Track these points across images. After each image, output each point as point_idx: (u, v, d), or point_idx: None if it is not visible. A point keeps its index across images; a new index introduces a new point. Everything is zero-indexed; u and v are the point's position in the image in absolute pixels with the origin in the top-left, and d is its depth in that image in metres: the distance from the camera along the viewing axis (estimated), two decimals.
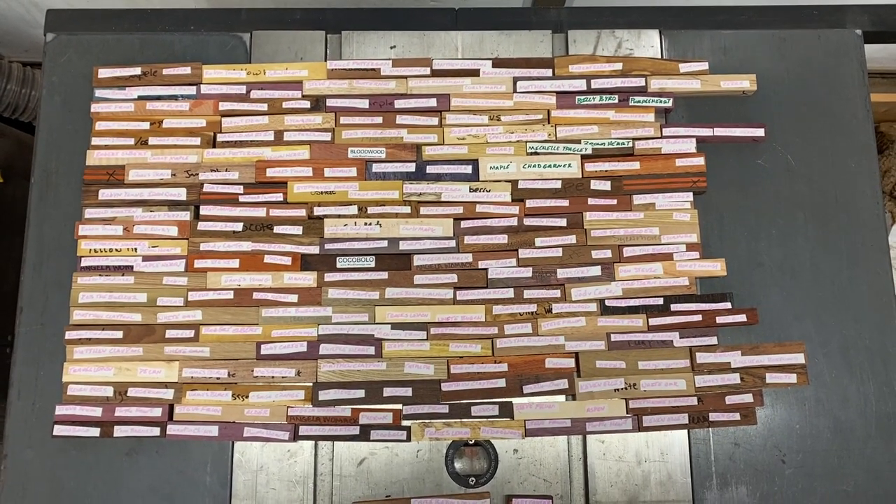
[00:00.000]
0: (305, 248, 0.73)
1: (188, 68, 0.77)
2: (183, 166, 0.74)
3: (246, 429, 0.70)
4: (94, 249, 0.73)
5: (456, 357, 0.71)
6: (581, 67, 0.77)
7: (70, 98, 0.77)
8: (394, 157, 0.75)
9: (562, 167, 0.75)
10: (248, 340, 0.71)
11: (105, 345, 0.71)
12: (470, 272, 0.73)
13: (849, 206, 0.76)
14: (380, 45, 0.80)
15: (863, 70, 0.80)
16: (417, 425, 0.70)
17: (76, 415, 0.70)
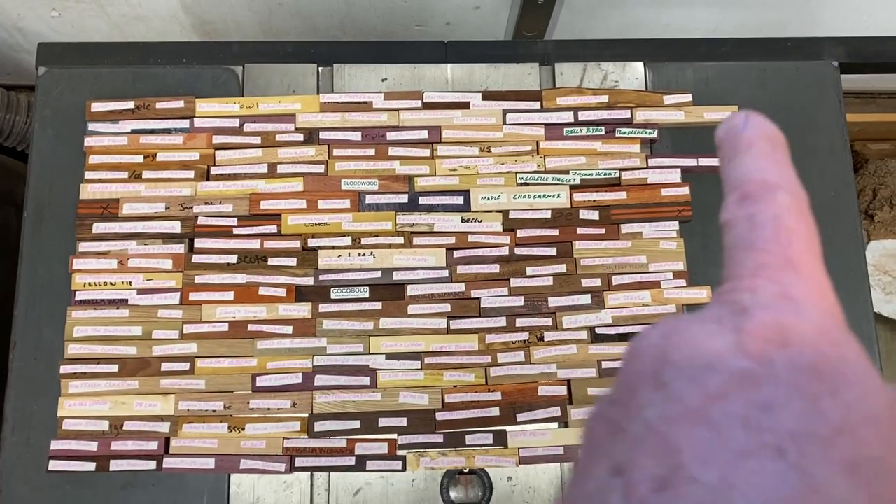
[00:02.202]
0: (300, 280, 0.74)
1: (181, 101, 0.78)
2: (177, 199, 0.75)
3: (242, 461, 0.70)
4: (88, 283, 0.73)
5: (450, 386, 0.72)
6: (568, 100, 0.79)
7: (63, 131, 0.78)
8: (386, 189, 0.76)
9: (551, 197, 0.77)
10: (244, 372, 0.72)
11: (100, 378, 0.71)
12: (463, 301, 0.74)
13: (829, 234, 0.78)
14: (371, 77, 0.81)
15: (839, 100, 0.83)
16: (413, 455, 0.71)
17: (71, 449, 0.70)
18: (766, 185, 0.20)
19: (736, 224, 0.20)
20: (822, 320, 0.17)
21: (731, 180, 0.21)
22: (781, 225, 0.19)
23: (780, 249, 0.18)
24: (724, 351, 0.16)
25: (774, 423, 0.14)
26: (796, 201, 0.19)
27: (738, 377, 0.15)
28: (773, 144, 0.21)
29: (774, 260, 0.18)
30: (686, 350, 0.17)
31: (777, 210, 0.19)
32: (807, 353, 0.16)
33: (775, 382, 0.15)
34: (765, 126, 0.21)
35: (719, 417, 0.15)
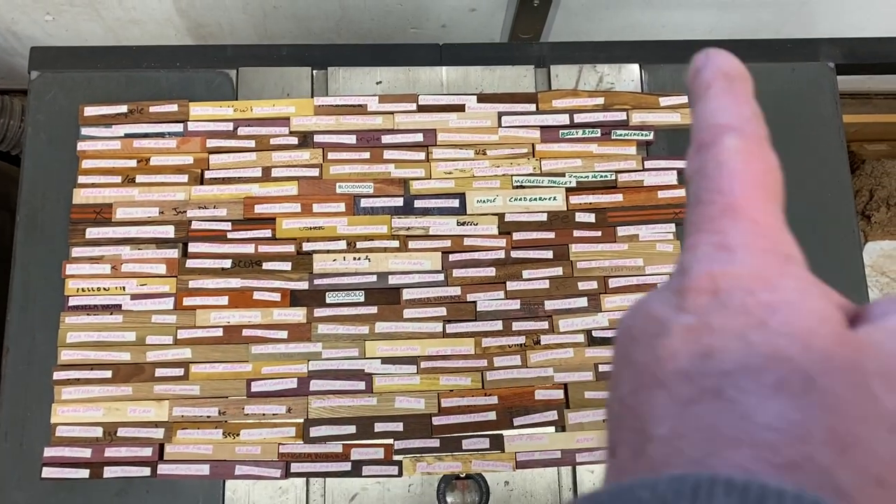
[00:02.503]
0: (294, 284, 0.74)
1: (175, 105, 0.77)
2: (171, 204, 0.75)
3: (237, 467, 0.70)
4: (81, 288, 0.73)
5: (446, 390, 0.72)
6: (564, 102, 0.79)
7: (56, 136, 0.77)
8: (382, 192, 0.76)
9: (547, 200, 0.77)
10: (238, 378, 0.71)
11: (94, 385, 0.71)
12: (459, 305, 0.74)
13: (826, 235, 0.78)
14: (366, 80, 0.81)
15: (836, 101, 0.82)
16: (409, 460, 0.70)
17: (65, 456, 0.69)
18: (716, 129, 0.19)
19: (690, 178, 0.19)
20: (754, 260, 0.17)
21: (692, 129, 0.20)
22: (724, 171, 0.18)
23: (721, 198, 0.18)
24: (669, 313, 0.17)
25: (712, 368, 0.15)
26: (745, 141, 0.18)
27: (682, 334, 0.16)
28: (730, 81, 0.19)
29: (715, 210, 0.18)
30: (643, 323, 0.17)
31: (722, 156, 0.18)
32: (736, 295, 0.16)
33: (710, 330, 0.16)
34: (722, 62, 0.20)
35: (669, 376, 0.16)
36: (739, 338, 0.15)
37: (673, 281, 0.18)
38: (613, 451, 0.17)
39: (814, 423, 0.14)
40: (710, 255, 0.17)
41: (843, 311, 0.17)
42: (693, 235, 0.18)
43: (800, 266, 0.17)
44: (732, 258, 0.17)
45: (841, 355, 0.15)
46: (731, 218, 0.17)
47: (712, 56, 0.20)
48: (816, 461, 0.14)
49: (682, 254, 0.18)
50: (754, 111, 0.19)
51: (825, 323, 0.16)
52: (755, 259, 0.17)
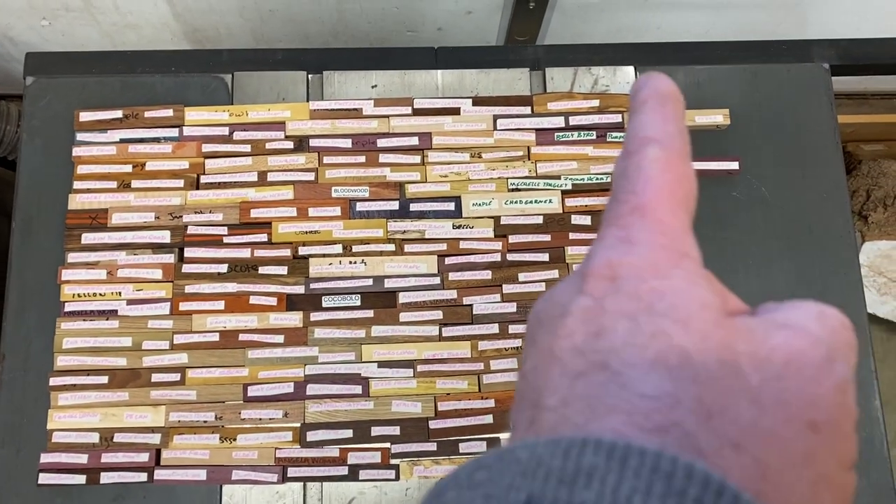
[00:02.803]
0: (291, 289, 0.74)
1: (170, 110, 0.77)
2: (166, 209, 0.75)
3: (234, 471, 0.69)
4: (77, 294, 0.73)
5: (443, 394, 0.72)
6: (559, 105, 0.79)
7: (51, 142, 0.77)
8: (377, 196, 0.76)
9: (543, 203, 0.77)
10: (235, 382, 0.71)
11: (90, 390, 0.71)
12: (455, 308, 0.74)
13: (822, 237, 0.78)
14: (361, 84, 0.81)
15: (831, 102, 0.82)
16: (406, 464, 0.70)
17: (61, 462, 0.69)
18: (642, 140, 0.21)
19: (613, 180, 0.21)
20: (651, 253, 0.19)
21: (624, 139, 0.22)
22: (641, 176, 0.20)
23: (634, 198, 0.20)
24: (570, 295, 0.19)
25: (602, 345, 0.17)
26: (666, 152, 0.20)
27: (580, 314, 0.18)
28: (663, 101, 0.22)
29: (627, 208, 0.20)
30: (549, 307, 0.19)
31: (642, 162, 0.20)
32: (631, 282, 0.18)
33: (604, 312, 0.18)
34: (658, 84, 0.22)
35: (564, 352, 0.18)
36: (629, 318, 0.17)
37: (578, 269, 0.20)
38: (514, 424, 0.18)
39: (684, 393, 0.16)
40: (613, 245, 0.19)
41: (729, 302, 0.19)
42: (603, 228, 0.20)
43: (694, 262, 0.19)
44: (632, 249, 0.19)
45: (716, 336, 0.17)
46: (639, 216, 0.19)
47: (651, 78, 0.22)
48: (682, 426, 0.16)
49: (592, 245, 0.20)
50: (680, 129, 0.21)
51: (705, 309, 0.17)
52: (652, 252, 0.19)
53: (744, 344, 0.17)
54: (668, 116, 0.21)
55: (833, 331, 0.18)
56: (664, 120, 0.21)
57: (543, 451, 0.15)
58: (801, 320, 0.18)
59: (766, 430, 0.16)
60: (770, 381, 0.16)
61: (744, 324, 0.18)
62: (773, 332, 0.18)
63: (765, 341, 0.17)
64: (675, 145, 0.21)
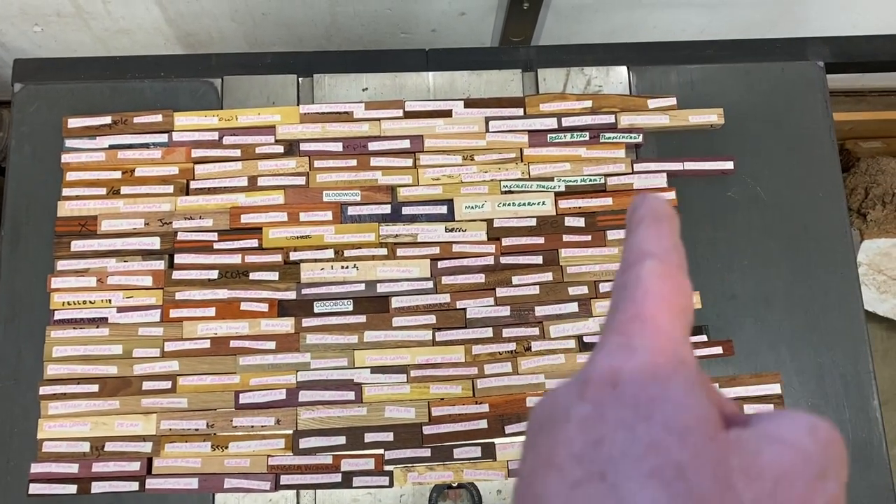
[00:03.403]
0: (282, 294, 0.73)
1: (159, 116, 0.77)
2: (156, 215, 0.74)
3: (226, 480, 0.69)
4: (67, 302, 0.72)
5: (437, 399, 0.71)
6: (552, 106, 0.78)
7: (40, 149, 0.76)
8: (369, 200, 0.75)
9: (536, 205, 0.76)
10: (227, 390, 0.71)
11: (80, 399, 0.70)
12: (448, 312, 0.73)
13: (818, 235, 0.78)
14: (352, 87, 0.80)
15: (826, 100, 0.82)
16: (400, 470, 0.70)
17: (52, 472, 0.69)
18: (640, 254, 0.22)
19: (613, 291, 0.22)
20: (651, 359, 0.19)
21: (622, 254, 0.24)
22: (640, 286, 0.21)
23: (633, 307, 0.21)
24: (571, 401, 0.19)
25: (601, 454, 0.17)
26: (664, 266, 0.22)
27: (580, 422, 0.18)
28: (659, 219, 0.23)
29: (627, 316, 0.20)
30: (549, 411, 0.20)
31: (641, 274, 0.21)
32: (630, 390, 0.18)
33: (604, 420, 0.18)
34: (654, 204, 0.24)
35: (563, 460, 0.18)
36: (627, 428, 0.18)
37: (579, 374, 0.20)
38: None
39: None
40: (614, 352, 0.20)
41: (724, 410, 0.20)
42: (604, 336, 0.21)
43: (691, 370, 0.20)
44: (632, 356, 0.19)
45: (710, 451, 0.17)
46: (639, 324, 0.20)
47: (647, 198, 0.24)
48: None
49: (593, 351, 0.21)
50: (675, 244, 0.23)
51: (702, 422, 0.18)
52: (652, 358, 0.19)
53: (737, 458, 0.18)
54: (664, 233, 0.23)
55: (825, 446, 0.18)
56: (660, 236, 0.23)
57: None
58: (792, 434, 0.18)
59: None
60: (763, 498, 0.17)
61: (737, 437, 0.18)
62: (766, 447, 0.18)
63: (757, 456, 0.18)
64: (671, 259, 0.22)
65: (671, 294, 0.21)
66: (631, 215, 0.24)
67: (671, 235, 0.23)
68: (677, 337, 0.20)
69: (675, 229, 0.23)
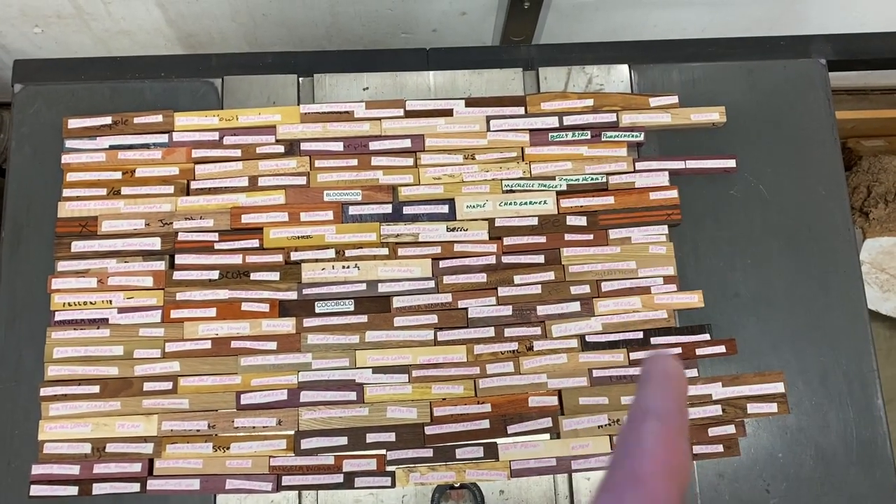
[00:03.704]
0: (283, 294, 0.73)
1: (159, 116, 0.76)
2: (157, 215, 0.74)
3: (228, 481, 0.69)
4: (67, 303, 0.72)
5: (439, 399, 0.71)
6: (553, 104, 0.78)
7: (40, 149, 0.76)
8: (370, 199, 0.75)
9: (537, 204, 0.76)
10: (228, 390, 0.70)
11: (81, 400, 0.70)
12: (450, 312, 0.73)
13: (821, 234, 0.77)
14: (352, 87, 0.80)
15: (828, 98, 0.81)
16: (402, 470, 0.69)
17: (53, 473, 0.68)
18: (644, 413, 0.23)
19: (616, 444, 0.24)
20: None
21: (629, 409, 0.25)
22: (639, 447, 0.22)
23: (630, 465, 0.22)
24: None
25: None
26: (665, 427, 0.23)
27: None
28: (668, 378, 0.25)
29: (623, 475, 0.22)
30: None
31: (642, 434, 0.23)
32: None
33: None
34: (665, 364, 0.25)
35: None
36: None
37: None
38: None
39: None
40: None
41: None
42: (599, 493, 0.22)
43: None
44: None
45: None
46: (632, 484, 0.22)
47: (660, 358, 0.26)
48: None
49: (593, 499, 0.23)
50: (679, 407, 0.24)
51: None
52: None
53: None
54: (670, 395, 0.24)
55: None
56: (666, 398, 0.24)
57: None
58: None
59: None
60: None
61: None
62: None
63: None
64: (673, 422, 0.23)
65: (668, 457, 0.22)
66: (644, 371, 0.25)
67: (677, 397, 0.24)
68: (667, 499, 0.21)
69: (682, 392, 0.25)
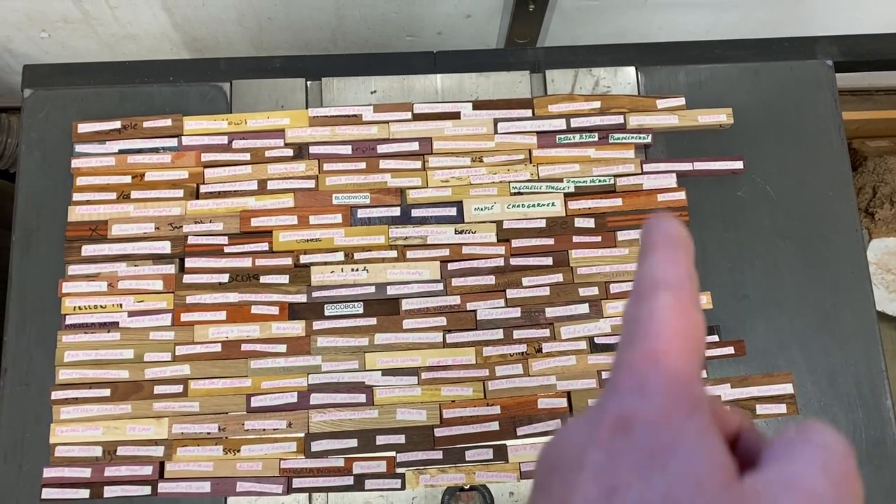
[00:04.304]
0: (293, 297, 0.73)
1: (169, 120, 0.77)
2: (166, 219, 0.74)
3: (238, 483, 0.69)
4: (78, 307, 0.72)
5: (448, 401, 0.71)
6: (560, 107, 0.78)
7: (50, 154, 0.77)
8: (378, 202, 0.75)
9: (545, 206, 0.76)
10: (238, 393, 0.71)
11: (92, 403, 0.70)
12: (459, 314, 0.73)
13: (828, 235, 0.77)
14: (360, 90, 0.80)
15: (835, 99, 0.82)
16: (412, 473, 0.70)
17: (65, 477, 0.69)
18: (653, 284, 0.21)
19: (624, 323, 0.22)
20: (665, 403, 0.19)
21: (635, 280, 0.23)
22: (653, 322, 0.20)
23: (647, 344, 0.20)
24: (584, 446, 0.19)
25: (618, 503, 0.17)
26: (678, 298, 0.21)
27: (594, 470, 0.18)
28: (674, 245, 0.22)
29: (640, 355, 0.20)
30: (561, 452, 0.20)
31: (654, 308, 0.21)
32: (644, 436, 0.18)
33: (618, 468, 0.18)
34: (669, 228, 0.23)
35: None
36: (642, 478, 0.18)
37: (591, 413, 0.20)
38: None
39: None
40: (626, 394, 0.19)
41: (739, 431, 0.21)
42: (615, 373, 0.20)
43: (705, 413, 0.19)
44: (645, 398, 0.19)
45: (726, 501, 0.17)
46: (652, 363, 0.20)
47: (662, 221, 0.23)
48: None
49: (605, 389, 0.21)
50: (689, 274, 0.22)
51: (716, 469, 0.18)
52: (666, 402, 0.19)
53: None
54: (679, 260, 0.22)
55: (838, 484, 0.18)
56: (675, 264, 0.22)
57: None
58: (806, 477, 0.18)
59: None
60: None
61: (752, 486, 0.18)
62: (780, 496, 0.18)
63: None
64: (685, 291, 0.21)
65: (685, 330, 0.20)
66: (644, 238, 0.23)
67: (686, 263, 0.22)
68: (691, 377, 0.20)
69: (689, 256, 0.22)
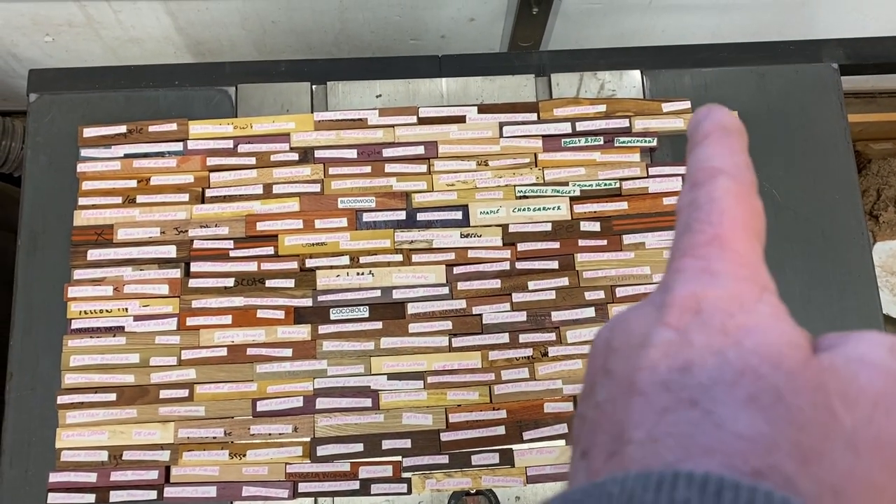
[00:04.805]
0: (298, 301, 0.73)
1: (174, 124, 0.77)
2: (172, 223, 0.74)
3: (244, 488, 0.69)
4: (83, 311, 0.72)
5: (454, 405, 0.71)
6: (565, 110, 0.78)
7: (55, 158, 0.77)
8: (384, 206, 0.75)
9: (551, 210, 0.76)
10: (244, 398, 0.71)
11: (98, 408, 0.70)
12: (464, 318, 0.73)
13: (835, 238, 0.77)
14: (365, 94, 0.80)
15: (840, 102, 0.81)
16: (418, 477, 0.69)
17: (70, 481, 0.69)
18: (711, 171, 0.20)
19: (681, 210, 0.21)
20: (734, 286, 0.18)
21: (687, 171, 0.22)
22: (715, 206, 0.20)
23: (710, 228, 0.19)
24: (651, 327, 0.18)
25: (690, 381, 0.17)
26: (737, 184, 0.20)
27: (663, 347, 0.18)
28: (728, 133, 0.22)
29: (704, 238, 0.19)
30: (624, 336, 0.19)
31: (715, 193, 0.20)
32: (717, 315, 0.18)
33: (690, 346, 0.17)
34: (722, 117, 0.22)
35: (648, 386, 0.17)
36: (716, 354, 0.17)
37: (655, 298, 0.19)
38: (586, 453, 0.18)
39: (780, 435, 0.16)
40: (695, 277, 0.19)
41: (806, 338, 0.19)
42: (679, 259, 0.20)
43: (774, 296, 0.19)
44: (714, 281, 0.18)
45: (806, 376, 0.17)
46: (718, 247, 0.19)
47: (714, 110, 0.22)
48: (780, 470, 0.15)
49: (667, 274, 0.20)
50: (747, 162, 0.21)
51: (793, 347, 0.17)
52: (735, 285, 0.18)
53: (833, 383, 0.17)
54: (735, 148, 0.21)
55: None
56: (731, 152, 0.21)
57: (634, 484, 0.15)
58: (876, 356, 0.18)
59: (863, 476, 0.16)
60: (862, 423, 0.16)
61: (829, 362, 0.17)
62: (858, 371, 0.17)
63: (853, 381, 0.17)
64: (745, 178, 0.20)
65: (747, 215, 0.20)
66: (695, 128, 0.22)
67: (742, 151, 0.21)
68: (756, 260, 0.19)
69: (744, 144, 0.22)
